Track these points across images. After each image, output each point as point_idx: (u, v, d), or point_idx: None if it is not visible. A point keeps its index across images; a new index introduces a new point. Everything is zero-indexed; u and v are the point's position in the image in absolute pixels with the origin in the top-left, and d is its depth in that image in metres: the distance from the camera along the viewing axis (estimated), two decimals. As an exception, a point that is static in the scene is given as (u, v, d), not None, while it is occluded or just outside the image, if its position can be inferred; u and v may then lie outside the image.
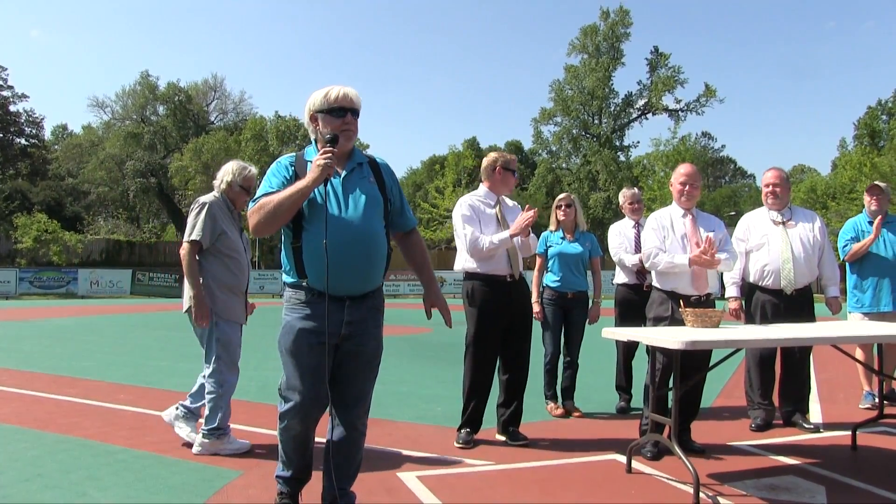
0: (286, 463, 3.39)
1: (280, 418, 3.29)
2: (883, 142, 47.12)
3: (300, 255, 3.12)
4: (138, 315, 18.38)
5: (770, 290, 5.51)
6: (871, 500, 3.83)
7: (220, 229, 4.64)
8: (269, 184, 3.13)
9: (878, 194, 6.46)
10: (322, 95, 3.20)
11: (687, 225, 4.93)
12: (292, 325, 3.16)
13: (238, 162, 4.96)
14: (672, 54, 51.28)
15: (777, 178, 5.68)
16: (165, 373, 8.18)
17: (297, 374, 3.18)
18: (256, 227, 3.06)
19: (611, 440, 5.03)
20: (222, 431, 4.61)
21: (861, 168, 34.03)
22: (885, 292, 6.27)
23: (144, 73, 53.37)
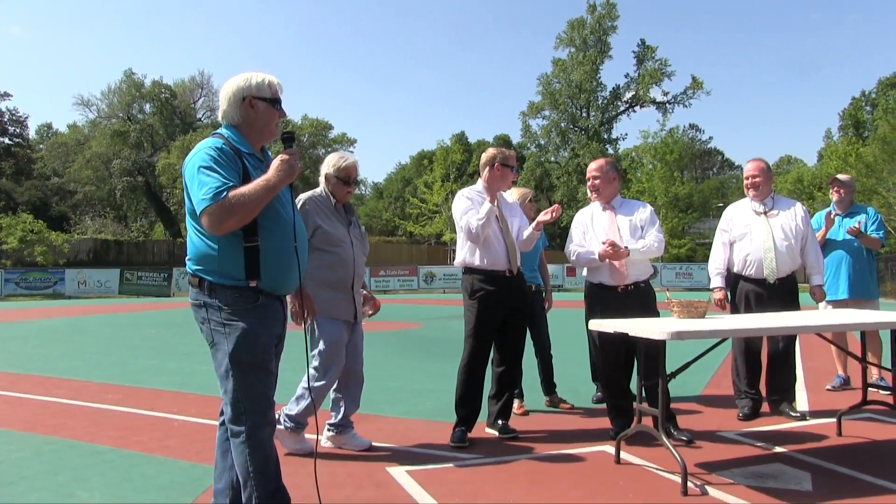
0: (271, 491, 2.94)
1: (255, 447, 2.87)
2: (867, 132, 47.47)
3: (256, 255, 2.88)
4: (127, 315, 18.28)
5: (753, 280, 5.57)
6: (855, 485, 3.86)
7: (315, 224, 4.42)
8: (225, 174, 2.81)
9: (838, 186, 6.74)
10: (264, 82, 3.02)
11: (605, 220, 5.10)
12: (254, 333, 2.88)
13: (337, 153, 4.73)
14: (659, 47, 51.44)
15: (757, 169, 5.74)
16: (154, 372, 8.14)
17: (269, 384, 2.96)
18: (225, 225, 2.76)
19: (599, 431, 5.05)
20: (295, 425, 4.45)
21: (846, 158, 34.32)
22: (841, 280, 6.52)
23: (129, 70, 53.08)
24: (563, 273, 30.69)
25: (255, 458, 2.87)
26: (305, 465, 4.21)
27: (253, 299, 2.89)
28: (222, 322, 2.87)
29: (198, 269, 2.91)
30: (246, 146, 3.00)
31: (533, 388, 6.03)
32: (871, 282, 6.58)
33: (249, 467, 2.87)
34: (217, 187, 2.75)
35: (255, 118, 3.02)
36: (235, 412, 2.88)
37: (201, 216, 2.76)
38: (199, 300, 2.92)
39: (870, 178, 30.70)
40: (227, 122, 3.04)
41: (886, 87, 53.31)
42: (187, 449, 4.69)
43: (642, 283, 5.02)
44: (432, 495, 3.69)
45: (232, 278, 2.87)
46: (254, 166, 2.95)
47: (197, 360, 9.06)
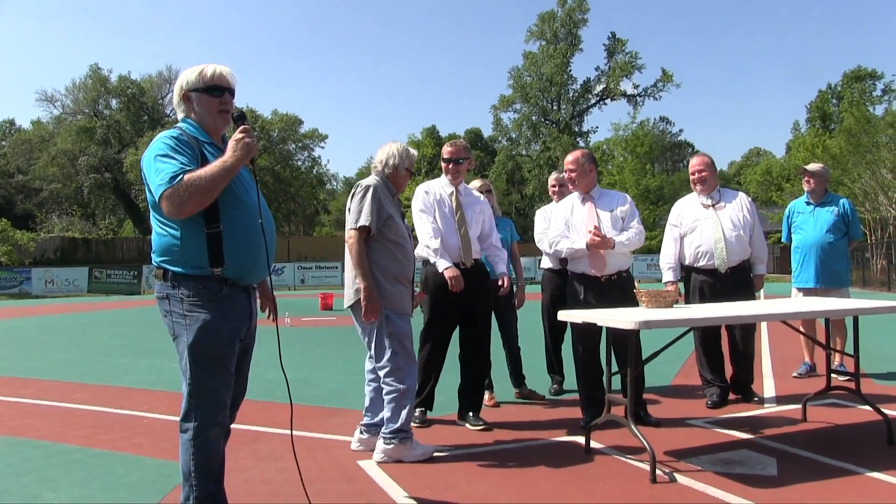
0: (211, 493, 2.89)
1: (200, 446, 2.83)
2: (834, 125, 48.23)
3: (218, 241, 2.82)
4: (96, 313, 18.05)
5: (705, 271, 5.70)
6: (818, 468, 3.94)
7: (387, 213, 4.27)
8: (182, 160, 2.76)
9: (808, 176, 6.85)
10: (196, 73, 2.98)
11: (585, 211, 5.13)
12: (215, 326, 2.82)
13: (397, 143, 4.55)
14: (629, 40, 51.89)
15: (702, 164, 5.86)
16: (124, 369, 8.05)
17: (225, 383, 2.89)
18: (185, 206, 2.69)
19: (569, 422, 5.09)
20: (406, 434, 4.18)
21: (814, 150, 34.80)
22: (810, 269, 6.65)
23: (95, 65, 52.19)
24: (536, 265, 30.78)
25: (198, 457, 2.83)
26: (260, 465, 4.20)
27: (216, 290, 2.84)
28: (183, 313, 2.83)
29: (162, 261, 2.87)
30: (203, 136, 2.97)
31: (503, 381, 6.06)
32: (842, 270, 6.68)
33: (191, 466, 2.83)
34: (174, 171, 2.71)
35: (196, 110, 3.00)
36: (187, 407, 2.84)
37: (160, 202, 2.71)
38: (163, 292, 2.88)
39: (836, 169, 31.19)
40: (184, 116, 3.04)
41: (851, 80, 54.29)
42: (157, 446, 4.64)
43: (623, 273, 5.07)
44: (403, 488, 3.70)
45: (195, 267, 2.82)
46: (213, 154, 2.90)
47: (167, 358, 8.97)
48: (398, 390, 4.18)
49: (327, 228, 65.62)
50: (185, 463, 2.85)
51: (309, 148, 52.94)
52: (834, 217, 6.63)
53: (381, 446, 4.20)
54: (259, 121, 48.29)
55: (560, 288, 5.98)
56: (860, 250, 29.58)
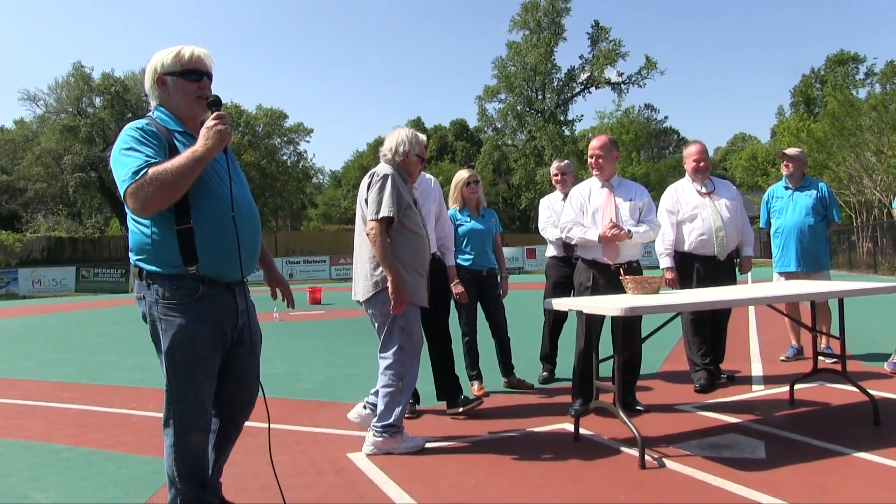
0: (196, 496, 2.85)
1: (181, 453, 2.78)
2: (818, 109, 48.45)
3: (190, 237, 2.66)
4: (84, 312, 17.94)
5: (704, 258, 5.77)
6: (806, 450, 3.97)
7: (406, 202, 4.19)
8: (147, 153, 2.61)
9: (786, 160, 6.89)
10: (173, 55, 2.81)
11: (603, 197, 5.09)
12: (192, 330, 2.69)
13: (405, 129, 4.44)
14: (612, 28, 51.90)
15: (703, 151, 5.97)
16: (112, 368, 8.01)
17: (204, 388, 2.79)
18: (151, 202, 2.54)
19: (558, 410, 5.11)
20: (397, 429, 4.16)
21: (798, 134, 34.95)
22: (791, 253, 6.71)
23: (77, 63, 51.71)
24: (524, 255, 30.87)
25: (180, 463, 2.77)
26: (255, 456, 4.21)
27: (192, 290, 2.70)
28: (159, 316, 2.72)
29: (137, 259, 2.75)
30: (175, 124, 2.82)
31: (492, 370, 6.07)
32: (822, 254, 6.73)
33: (175, 472, 2.78)
34: (138, 165, 2.56)
35: (170, 95, 2.84)
36: (167, 412, 2.78)
37: (126, 198, 2.57)
38: (140, 293, 2.78)
39: (820, 153, 31.36)
40: (156, 104, 2.90)
41: (834, 63, 54.54)
42: (146, 444, 4.62)
43: (634, 262, 5.07)
44: (393, 479, 3.70)
45: (169, 265, 2.68)
46: (185, 144, 2.74)
47: (155, 355, 8.90)
48: (395, 386, 4.16)
49: (314, 222, 65.47)
50: (168, 467, 2.81)
51: (294, 142, 52.68)
52: (813, 201, 6.68)
53: (370, 439, 4.19)
54: (244, 116, 48.03)
55: (563, 275, 5.98)
56: (846, 233, 29.82)
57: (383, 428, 4.15)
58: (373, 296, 4.18)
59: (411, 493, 3.51)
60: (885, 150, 29.15)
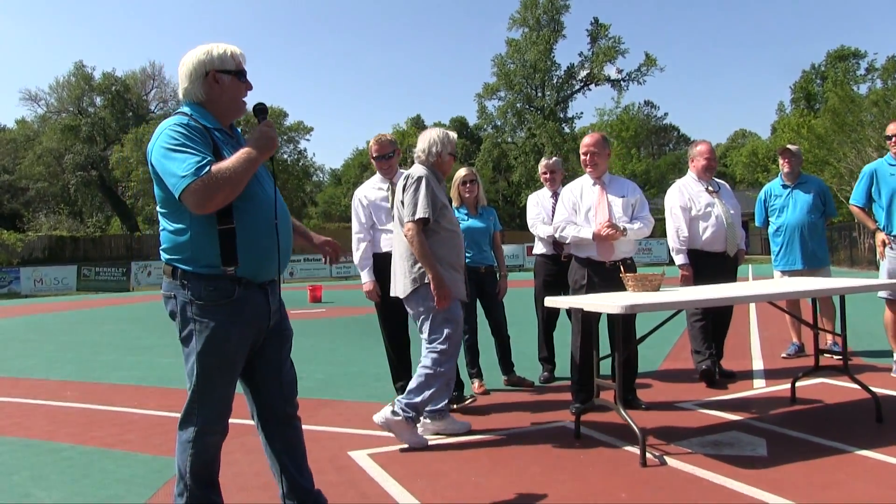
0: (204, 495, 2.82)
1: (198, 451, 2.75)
2: (818, 104, 48.38)
3: (231, 238, 2.65)
4: (85, 311, 17.95)
5: (715, 254, 5.84)
6: (807, 448, 3.97)
7: (441, 202, 4.33)
8: (202, 150, 2.59)
9: (789, 157, 6.84)
10: (226, 53, 2.78)
11: (595, 195, 5.09)
12: (225, 332, 2.68)
13: (437, 129, 4.58)
14: (612, 25, 51.74)
15: (712, 150, 6.04)
16: (113, 367, 8.01)
17: (231, 390, 2.78)
18: (214, 201, 2.53)
19: (559, 408, 5.11)
20: (416, 415, 4.26)
21: (799, 130, 34.90)
22: (795, 251, 6.67)
23: (79, 63, 51.85)
24: (524, 253, 30.84)
25: (194, 460, 2.75)
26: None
27: (228, 292, 2.67)
28: (192, 317, 2.67)
29: (171, 259, 2.70)
30: (213, 122, 2.77)
31: (492, 368, 6.07)
32: (822, 250, 6.73)
33: (187, 469, 2.75)
34: (198, 162, 2.52)
35: (219, 94, 2.78)
36: (188, 410, 2.75)
37: (183, 196, 2.52)
38: (171, 291, 2.72)
39: (821, 149, 31.33)
40: (190, 100, 2.79)
41: (835, 59, 54.43)
42: (147, 442, 4.64)
43: (628, 259, 5.08)
44: (394, 477, 3.70)
45: (207, 266, 2.65)
46: (225, 142, 2.74)
47: (157, 354, 8.96)
48: (433, 370, 4.26)
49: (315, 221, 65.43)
50: (181, 463, 2.77)
51: (294, 140, 52.66)
52: (813, 197, 6.65)
53: (386, 411, 4.26)
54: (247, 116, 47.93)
55: (553, 274, 6.00)
56: (847, 230, 29.76)
57: (405, 406, 4.22)
58: (412, 292, 4.32)
59: (412, 491, 3.51)
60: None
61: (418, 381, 4.27)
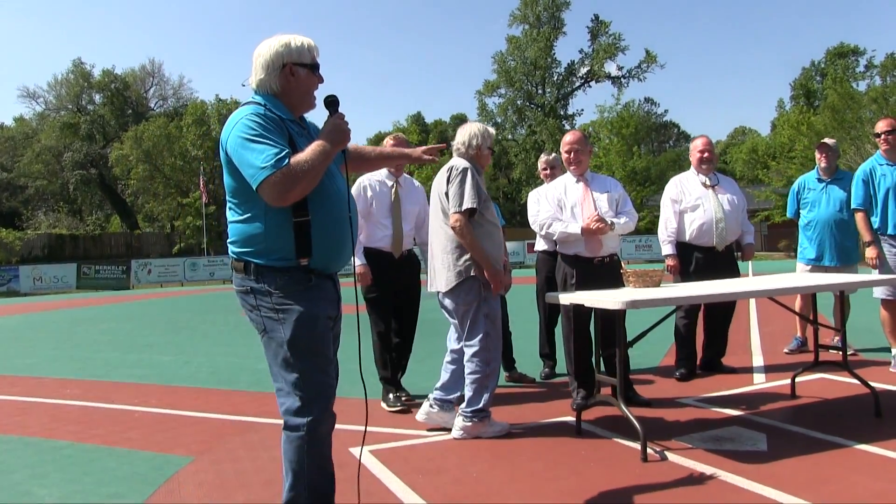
0: (326, 490, 2.77)
1: (316, 442, 2.68)
2: (818, 101, 48.34)
3: (307, 230, 2.63)
4: (85, 309, 17.96)
5: (703, 248, 5.84)
6: (807, 442, 3.98)
7: (485, 195, 4.35)
8: (281, 142, 2.55)
9: (826, 151, 6.75)
10: (304, 46, 2.75)
11: (580, 191, 5.10)
12: (311, 316, 2.64)
13: (476, 124, 4.60)
14: (612, 22, 51.72)
15: (709, 144, 6.04)
16: (114, 365, 8.02)
17: (329, 373, 2.74)
18: (294, 193, 2.50)
19: (560, 404, 5.12)
20: (485, 414, 4.33)
21: (798, 127, 34.87)
22: (827, 247, 6.58)
23: (77, 60, 51.79)
24: (524, 250, 30.83)
25: (313, 454, 2.67)
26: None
27: (305, 280, 2.65)
28: (274, 307, 2.63)
29: (242, 252, 2.66)
30: (286, 114, 2.74)
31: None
32: (853, 247, 6.65)
33: (306, 465, 2.66)
34: (277, 153, 2.49)
35: (294, 87, 2.75)
36: (296, 404, 2.64)
37: (261, 188, 2.49)
38: (246, 286, 2.67)
39: (821, 145, 31.31)
40: (265, 91, 2.75)
41: (834, 56, 54.40)
42: (149, 440, 4.64)
43: (615, 255, 5.10)
44: (395, 473, 3.71)
45: (281, 259, 2.63)
46: (299, 134, 2.71)
47: (158, 351, 8.97)
48: (483, 372, 4.29)
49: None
50: (298, 462, 2.67)
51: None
52: (847, 194, 6.46)
53: (459, 423, 4.34)
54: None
55: (551, 269, 6.01)
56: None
57: (473, 413, 4.30)
58: (456, 286, 4.31)
59: (413, 487, 3.52)
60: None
61: (472, 388, 4.30)
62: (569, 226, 5.00)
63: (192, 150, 44.49)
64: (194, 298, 20.63)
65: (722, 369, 6.02)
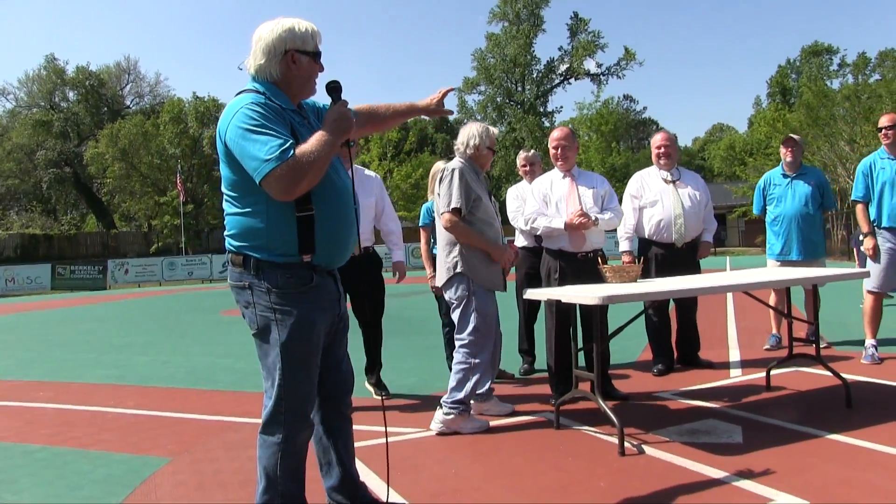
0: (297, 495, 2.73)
1: (290, 452, 2.64)
2: (794, 98, 48.88)
3: (310, 225, 2.55)
4: (61, 310, 17.74)
5: (663, 244, 5.87)
6: (781, 433, 4.03)
7: (475, 194, 4.46)
8: (283, 132, 2.45)
9: (792, 146, 6.76)
10: (308, 33, 2.64)
11: (566, 187, 5.13)
12: (309, 320, 2.57)
13: (477, 123, 4.72)
14: (591, 19, 51.89)
15: (667, 139, 6.04)
16: (90, 366, 7.93)
17: (315, 382, 2.68)
18: (300, 186, 2.41)
19: (539, 399, 5.14)
20: (465, 407, 4.38)
21: (775, 124, 35.24)
22: (794, 242, 6.61)
23: (50, 56, 51.10)
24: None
25: (286, 463, 2.63)
26: (246, 449, 4.17)
27: (307, 279, 2.58)
28: (272, 307, 2.55)
29: (241, 246, 2.57)
30: (286, 102, 2.63)
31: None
32: (819, 242, 6.72)
33: (279, 470, 2.62)
34: (281, 144, 2.38)
35: (295, 75, 2.64)
36: (276, 411, 2.61)
37: (266, 181, 2.39)
38: (243, 281, 2.58)
39: (796, 142, 31.68)
40: (264, 78, 2.63)
41: (809, 54, 55.11)
42: (125, 441, 4.59)
43: (599, 251, 5.12)
44: (375, 472, 3.70)
45: (283, 254, 2.55)
46: (300, 123, 2.62)
47: (135, 352, 8.88)
48: (468, 364, 4.40)
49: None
50: (270, 466, 2.64)
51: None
52: (812, 188, 6.57)
53: (439, 416, 4.40)
54: (221, 109, 47.54)
55: (535, 266, 6.02)
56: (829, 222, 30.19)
57: (453, 404, 4.36)
58: (447, 281, 4.51)
59: (392, 484, 3.50)
60: (857, 139, 29.53)
61: (456, 377, 4.41)
62: (553, 220, 5.02)
63: (169, 148, 44.12)
64: (172, 298, 20.47)
65: (699, 363, 6.06)
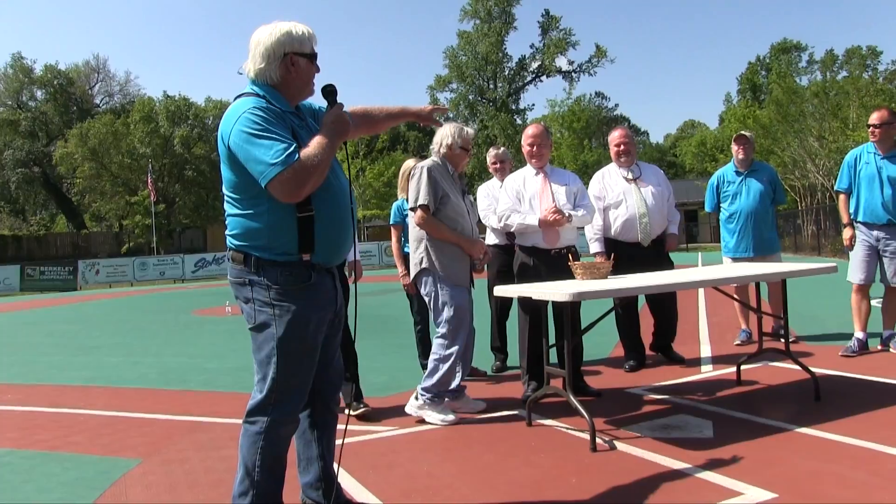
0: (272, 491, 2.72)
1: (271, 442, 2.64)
2: (764, 95, 49.52)
3: (310, 225, 2.60)
4: (29, 312, 17.47)
5: (629, 244, 5.86)
6: (751, 427, 4.07)
7: (442, 192, 4.59)
8: (287, 136, 2.50)
9: (744, 143, 6.85)
10: (304, 36, 2.69)
11: (539, 183, 5.15)
12: (305, 317, 2.62)
13: (453, 123, 4.84)
14: (563, 17, 52.17)
15: (625, 136, 6.07)
16: (58, 368, 7.82)
17: (309, 377, 2.72)
18: (305, 189, 2.48)
19: (511, 397, 5.15)
20: (434, 396, 4.57)
21: (745, 121, 35.68)
22: (747, 238, 6.71)
23: (17, 54, 50.22)
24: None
25: (266, 453, 2.64)
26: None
27: (305, 277, 2.63)
28: (270, 302, 2.60)
29: (243, 245, 2.62)
30: (285, 105, 2.69)
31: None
32: (774, 237, 6.83)
33: (257, 462, 2.63)
34: (285, 149, 2.44)
35: (294, 77, 2.69)
36: (264, 401, 2.63)
37: (272, 185, 2.44)
38: (244, 277, 2.63)
39: (766, 138, 32.10)
40: (263, 81, 2.68)
41: (778, 52, 55.88)
42: (94, 443, 4.54)
43: (572, 247, 5.13)
44: (346, 470, 3.67)
45: (283, 253, 2.60)
46: (299, 126, 2.67)
47: (105, 353, 8.78)
48: (439, 354, 4.58)
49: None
50: (249, 456, 2.65)
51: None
52: (765, 185, 6.68)
53: (412, 400, 4.68)
54: (193, 108, 47.17)
55: (506, 264, 6.02)
56: (792, 217, 30.60)
57: (422, 391, 4.60)
58: (415, 276, 4.75)
59: (364, 483, 3.50)
60: (826, 135, 30.00)
61: (430, 366, 4.61)
62: (526, 217, 5.03)
63: (140, 147, 43.63)
64: (144, 298, 20.25)
65: (672, 356, 6.11)
